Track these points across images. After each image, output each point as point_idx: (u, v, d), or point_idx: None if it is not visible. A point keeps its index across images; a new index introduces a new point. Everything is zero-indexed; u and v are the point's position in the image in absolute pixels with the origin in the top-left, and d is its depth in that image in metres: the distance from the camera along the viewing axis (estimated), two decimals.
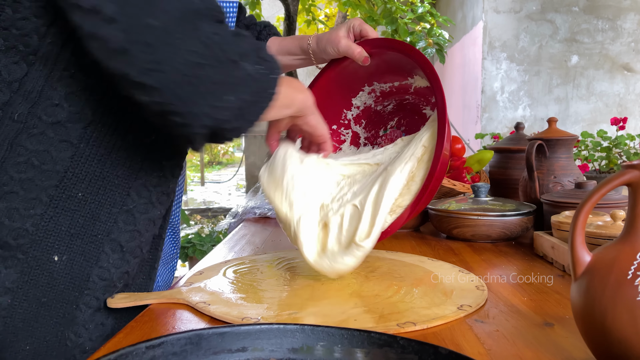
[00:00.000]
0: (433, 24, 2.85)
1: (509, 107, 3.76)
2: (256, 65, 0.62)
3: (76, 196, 0.68)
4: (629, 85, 3.69)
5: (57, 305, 0.69)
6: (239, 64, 0.60)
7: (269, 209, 1.55)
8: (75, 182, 0.68)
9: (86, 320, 0.71)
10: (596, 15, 3.64)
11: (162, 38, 0.55)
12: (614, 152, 1.75)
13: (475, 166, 1.49)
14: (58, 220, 0.68)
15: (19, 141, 0.65)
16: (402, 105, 1.00)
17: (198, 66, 0.57)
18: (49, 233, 0.68)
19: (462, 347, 0.59)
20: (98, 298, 0.71)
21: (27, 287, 0.67)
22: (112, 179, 0.70)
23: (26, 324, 0.68)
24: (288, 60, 1.01)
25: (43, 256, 0.67)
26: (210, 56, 0.58)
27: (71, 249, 0.69)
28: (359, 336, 0.48)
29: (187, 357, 0.47)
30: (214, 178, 11.89)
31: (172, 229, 0.95)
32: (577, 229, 0.52)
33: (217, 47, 0.58)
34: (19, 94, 0.65)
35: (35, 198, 0.67)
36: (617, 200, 1.04)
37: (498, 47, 3.72)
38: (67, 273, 0.69)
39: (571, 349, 0.58)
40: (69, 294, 0.69)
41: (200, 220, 5.55)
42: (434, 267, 0.90)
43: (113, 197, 0.71)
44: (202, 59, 0.57)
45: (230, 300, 0.74)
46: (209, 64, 0.58)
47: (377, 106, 1.01)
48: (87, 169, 0.69)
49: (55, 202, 0.68)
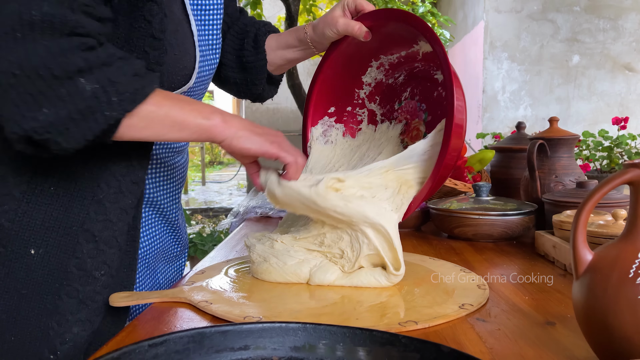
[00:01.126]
0: (434, 24, 2.85)
1: (510, 107, 3.76)
2: (95, 85, 0.61)
3: (48, 190, 0.71)
4: (630, 85, 3.69)
5: (37, 297, 0.71)
6: (70, 80, 0.60)
7: (270, 208, 1.55)
8: (45, 176, 0.70)
9: (68, 311, 0.72)
10: (597, 15, 3.64)
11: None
12: (616, 151, 1.75)
13: (476, 166, 1.49)
14: (32, 214, 0.70)
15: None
16: (413, 74, 0.97)
17: (13, 76, 0.58)
18: (24, 227, 0.70)
19: (463, 345, 0.59)
20: (78, 289, 0.73)
21: (8, 280, 0.70)
22: (81, 171, 0.72)
23: (9, 315, 0.71)
24: (289, 54, 1.01)
25: (20, 250, 0.70)
26: (29, 68, 0.58)
27: (47, 241, 0.71)
28: (361, 334, 0.48)
29: (189, 355, 0.47)
30: (215, 178, 11.90)
31: (172, 228, 0.95)
32: (578, 228, 0.52)
33: (39, 61, 0.58)
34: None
35: (8, 194, 0.69)
36: (618, 199, 1.04)
37: (499, 47, 3.72)
38: (44, 265, 0.71)
39: (573, 347, 0.59)
40: (49, 285, 0.71)
41: (201, 220, 5.55)
42: (436, 267, 0.90)
43: (83, 188, 0.73)
44: (19, 70, 0.58)
45: (232, 299, 0.74)
46: (25, 75, 0.58)
47: (388, 80, 0.98)
48: (57, 163, 0.70)
49: (28, 197, 0.70)
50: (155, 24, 0.72)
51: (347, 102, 0.99)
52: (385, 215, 0.78)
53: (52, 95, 0.60)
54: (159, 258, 0.92)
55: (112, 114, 0.63)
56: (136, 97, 0.65)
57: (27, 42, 0.58)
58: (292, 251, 0.84)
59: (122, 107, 0.63)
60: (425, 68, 0.95)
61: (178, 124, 0.70)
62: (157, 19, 0.72)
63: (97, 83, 0.61)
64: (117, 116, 0.64)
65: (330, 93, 0.96)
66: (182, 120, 0.70)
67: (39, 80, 0.59)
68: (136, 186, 0.78)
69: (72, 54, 0.60)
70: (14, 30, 0.58)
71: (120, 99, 0.63)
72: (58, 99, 0.60)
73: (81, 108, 0.61)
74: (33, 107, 0.59)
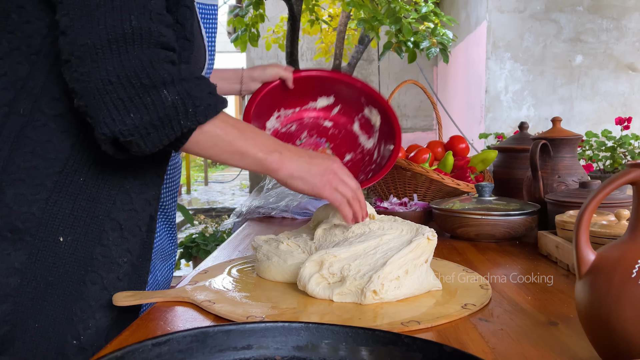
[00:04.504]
0: (437, 24, 2.85)
1: (512, 107, 3.76)
2: (175, 97, 0.68)
3: (78, 181, 0.74)
4: (633, 85, 3.68)
5: (63, 284, 0.74)
6: (161, 87, 0.67)
7: (272, 209, 1.55)
8: (76, 168, 0.74)
9: (92, 297, 0.76)
10: (601, 15, 3.63)
11: (91, 55, 0.65)
12: (619, 151, 1.75)
13: (479, 166, 1.49)
14: (62, 203, 0.74)
15: (24, 133, 0.72)
16: (303, 125, 1.21)
17: (110, 83, 0.66)
18: (54, 216, 0.73)
19: (466, 345, 0.59)
20: (102, 276, 0.76)
21: (35, 268, 0.72)
22: (109, 164, 0.76)
23: (35, 303, 0.73)
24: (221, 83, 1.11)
25: (49, 238, 0.73)
26: (123, 77, 0.66)
27: (75, 230, 0.74)
28: (363, 334, 0.49)
29: (192, 354, 0.47)
30: (217, 178, 11.90)
31: (169, 225, 0.97)
32: (581, 228, 0.52)
33: (133, 71, 0.66)
34: (23, 91, 0.73)
35: (40, 184, 0.72)
36: (621, 199, 1.04)
37: (502, 47, 3.71)
38: (72, 253, 0.74)
39: (575, 347, 0.59)
40: (75, 272, 0.75)
41: (204, 220, 5.55)
42: (438, 267, 0.90)
43: (111, 180, 0.77)
44: (115, 78, 0.66)
45: (235, 299, 0.75)
46: (120, 83, 0.66)
47: (282, 129, 1.21)
48: (87, 155, 0.75)
49: (59, 187, 0.74)
50: (187, 27, 0.78)
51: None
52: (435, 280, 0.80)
53: (139, 102, 0.67)
54: (157, 256, 0.94)
55: (187, 124, 0.70)
56: (208, 111, 0.71)
57: (122, 53, 0.66)
58: (295, 252, 0.84)
59: (196, 119, 0.70)
60: (314, 120, 1.22)
61: (240, 153, 0.77)
62: (189, 23, 0.79)
63: (177, 95, 0.68)
64: (190, 126, 0.70)
65: None
66: (244, 150, 0.76)
67: (130, 88, 0.66)
68: (159, 179, 0.83)
69: (159, 66, 0.67)
70: (110, 43, 0.66)
71: (195, 111, 0.70)
72: (144, 106, 0.67)
73: (162, 116, 0.68)
74: (122, 112, 0.67)
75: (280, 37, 4.61)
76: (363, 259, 0.77)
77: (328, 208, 0.91)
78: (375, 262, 0.76)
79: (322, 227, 0.87)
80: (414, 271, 0.76)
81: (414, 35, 2.72)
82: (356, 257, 0.77)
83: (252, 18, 3.78)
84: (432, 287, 0.78)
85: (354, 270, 0.75)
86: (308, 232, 0.92)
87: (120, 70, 0.66)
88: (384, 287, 0.73)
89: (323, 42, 5.20)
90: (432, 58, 3.33)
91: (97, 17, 0.66)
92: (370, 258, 0.77)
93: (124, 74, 0.66)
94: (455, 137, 1.58)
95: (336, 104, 1.22)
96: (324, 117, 1.23)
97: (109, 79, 0.65)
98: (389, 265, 0.74)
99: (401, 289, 0.74)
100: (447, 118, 3.89)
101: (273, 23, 4.87)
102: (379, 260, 0.76)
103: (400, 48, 2.78)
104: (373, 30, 2.89)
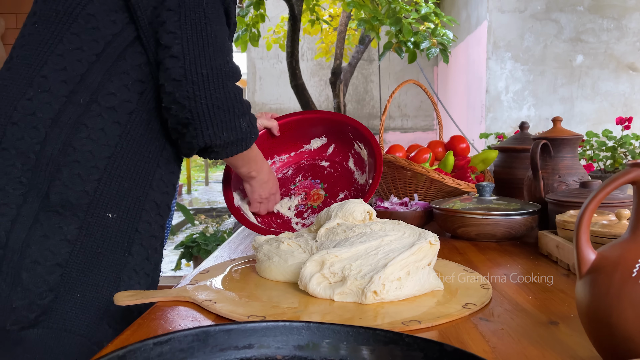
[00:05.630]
0: (437, 24, 2.85)
1: (513, 107, 3.76)
2: (247, 125, 0.91)
3: (123, 166, 0.87)
4: (634, 84, 3.68)
5: (110, 254, 0.84)
6: (241, 117, 0.89)
7: None
8: (122, 154, 0.87)
9: (137, 265, 0.87)
10: (601, 15, 3.63)
11: (203, 82, 0.84)
12: (619, 151, 1.75)
13: (479, 165, 1.49)
14: (111, 184, 0.85)
15: (81, 120, 0.84)
16: (300, 167, 1.30)
17: (215, 107, 0.85)
18: (104, 195, 0.84)
19: (467, 345, 0.59)
20: (145, 246, 0.88)
21: (85, 240, 0.82)
22: (147, 153, 0.90)
23: (81, 273, 0.82)
24: None
25: (99, 213, 0.84)
26: (225, 104, 0.86)
27: (120, 207, 0.86)
28: (364, 333, 0.49)
29: (194, 353, 0.47)
30: (218, 178, 11.90)
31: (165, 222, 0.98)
32: (582, 227, 0.52)
33: (230, 101, 0.87)
34: (82, 85, 0.85)
35: (94, 166, 0.84)
36: (622, 199, 1.04)
37: (502, 47, 3.71)
38: (118, 227, 0.85)
39: (576, 347, 0.59)
40: (121, 243, 0.85)
41: (204, 220, 5.55)
42: (439, 266, 0.90)
43: (149, 166, 0.90)
44: (220, 103, 0.86)
45: (236, 298, 0.75)
46: (223, 109, 0.86)
47: (277, 174, 1.30)
48: (131, 144, 0.88)
49: (109, 170, 0.85)
50: (232, 21, 0.95)
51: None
52: (436, 280, 0.79)
53: (230, 125, 0.88)
54: None
55: (247, 144, 0.94)
56: (255, 136, 0.95)
57: (225, 85, 0.86)
58: (296, 252, 0.84)
59: (251, 141, 0.94)
60: (310, 162, 1.30)
61: (252, 168, 1.07)
62: (233, 20, 0.95)
63: (248, 123, 0.91)
64: (247, 146, 0.94)
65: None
66: (255, 168, 1.08)
67: (228, 114, 0.87)
68: (179, 169, 0.99)
69: (241, 99, 0.89)
70: (219, 77, 0.85)
71: (251, 137, 0.94)
72: (232, 129, 0.88)
73: (239, 137, 0.90)
74: (218, 131, 0.87)
75: (280, 37, 4.62)
76: (364, 259, 0.77)
77: (330, 211, 0.91)
78: (377, 262, 0.76)
79: (325, 227, 0.87)
80: (415, 272, 0.76)
81: (414, 35, 2.72)
82: (357, 258, 0.77)
83: (252, 18, 3.78)
84: (433, 288, 0.78)
85: (355, 270, 0.75)
86: (309, 232, 0.92)
87: (224, 99, 0.85)
88: (385, 288, 0.73)
89: (323, 42, 5.21)
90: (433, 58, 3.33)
91: (209, 54, 0.84)
92: (371, 258, 0.77)
93: (226, 103, 0.86)
94: (456, 137, 1.58)
95: (330, 143, 1.30)
96: (321, 158, 1.31)
97: (217, 105, 0.85)
98: (390, 266, 0.74)
99: (402, 290, 0.74)
100: (448, 118, 3.89)
101: (274, 23, 4.87)
102: (380, 261, 0.76)
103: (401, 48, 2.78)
104: (373, 31, 2.89)
